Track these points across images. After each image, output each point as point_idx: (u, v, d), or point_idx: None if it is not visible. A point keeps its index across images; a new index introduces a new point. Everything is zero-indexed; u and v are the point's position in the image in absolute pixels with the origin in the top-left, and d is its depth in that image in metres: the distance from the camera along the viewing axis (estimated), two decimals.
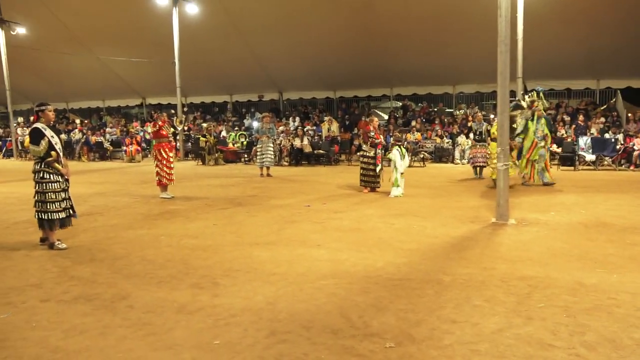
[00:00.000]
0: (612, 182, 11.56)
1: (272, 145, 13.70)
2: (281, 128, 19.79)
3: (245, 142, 19.77)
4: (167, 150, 9.60)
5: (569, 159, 15.25)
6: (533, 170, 10.70)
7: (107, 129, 24.44)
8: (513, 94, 15.45)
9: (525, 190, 10.14)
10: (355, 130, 18.61)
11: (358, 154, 10.79)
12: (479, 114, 17.90)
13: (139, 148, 21.15)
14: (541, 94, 10.85)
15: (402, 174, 9.50)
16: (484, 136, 12.13)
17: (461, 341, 3.28)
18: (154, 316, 3.79)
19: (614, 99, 19.57)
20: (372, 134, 9.99)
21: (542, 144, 10.65)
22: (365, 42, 19.17)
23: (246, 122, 23.29)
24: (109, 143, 22.06)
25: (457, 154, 17.39)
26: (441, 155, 17.78)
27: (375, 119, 10.62)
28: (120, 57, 22.19)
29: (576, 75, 19.80)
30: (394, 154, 9.52)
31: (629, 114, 17.71)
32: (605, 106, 19.36)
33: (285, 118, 22.89)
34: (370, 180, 10.07)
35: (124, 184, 12.45)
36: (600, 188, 10.49)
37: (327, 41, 19.38)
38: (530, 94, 10.95)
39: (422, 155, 17.10)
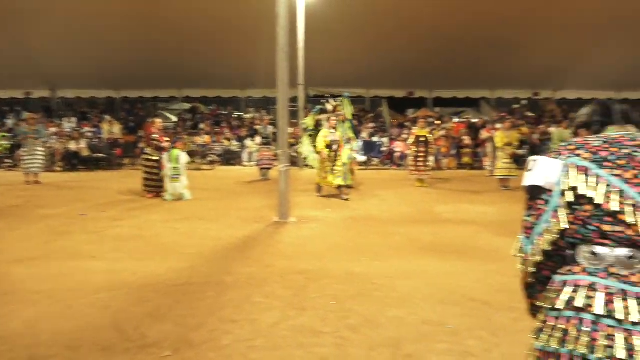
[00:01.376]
0: (379, 180, 13.06)
1: (41, 148, 12.17)
2: (53, 129, 17.72)
3: (7, 146, 17.20)
4: None
5: None
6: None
7: None
8: (295, 99, 16.43)
9: (306, 190, 10.82)
10: (141, 133, 17.70)
11: (142, 157, 10.25)
12: (267, 118, 18.68)
13: None
14: (346, 100, 10.63)
15: (173, 177, 9.24)
16: (270, 139, 12.63)
17: (239, 339, 3.34)
18: None
19: (381, 107, 22.20)
20: (156, 136, 9.59)
21: (349, 147, 10.92)
22: (151, 39, 18.23)
23: (9, 122, 20.28)
24: None
25: (245, 157, 17.76)
26: (230, 158, 17.97)
27: (159, 120, 10.20)
28: None
29: (351, 84, 21.93)
30: (163, 159, 9.28)
31: (393, 120, 20.39)
32: (373, 114, 21.85)
33: (59, 119, 20.57)
34: (155, 185, 9.64)
35: None
36: (370, 185, 11.75)
37: (108, 35, 17.87)
38: (337, 99, 10.84)
39: (211, 158, 17.05)
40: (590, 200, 1.41)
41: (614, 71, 19.73)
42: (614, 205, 1.37)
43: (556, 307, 1.43)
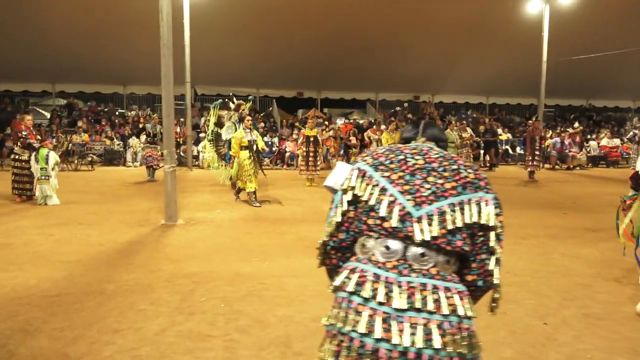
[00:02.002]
0: (269, 180, 13.07)
1: None
2: None
3: None
4: None
5: None
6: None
7: None
8: (182, 97, 15.96)
9: (194, 191, 10.57)
10: (8, 130, 16.12)
11: (11, 157, 9.33)
12: (155, 116, 17.89)
13: None
14: (249, 101, 10.30)
15: (40, 179, 8.55)
16: (157, 138, 12.14)
17: (122, 350, 3.18)
18: None
19: (271, 107, 22.25)
20: (26, 133, 8.80)
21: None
22: (18, 27, 16.62)
23: None
24: None
25: (129, 157, 16.89)
26: (112, 158, 16.98)
27: (28, 117, 9.35)
28: None
29: (240, 83, 21.72)
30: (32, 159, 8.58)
31: (283, 120, 20.53)
32: (264, 113, 21.84)
33: None
34: (25, 188, 8.84)
35: None
36: (261, 185, 11.71)
37: None
38: (241, 99, 10.47)
39: (90, 158, 15.98)
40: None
41: (483, 78, 21.60)
42: (372, 200, 1.54)
43: (336, 288, 1.58)
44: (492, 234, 1.53)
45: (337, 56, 19.46)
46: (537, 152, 13.11)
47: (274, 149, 17.44)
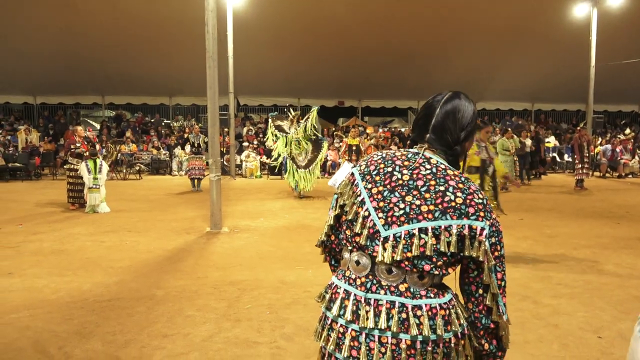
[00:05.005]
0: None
1: None
2: None
3: None
4: None
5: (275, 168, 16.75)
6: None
7: None
8: (226, 107, 16.27)
9: (238, 200, 10.73)
10: (62, 141, 16.84)
11: (65, 167, 9.75)
12: (197, 126, 18.31)
13: None
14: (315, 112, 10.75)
15: (91, 188, 8.87)
16: (201, 148, 12.41)
17: (172, 354, 3.26)
18: None
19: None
20: (79, 144, 9.17)
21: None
22: (69, 43, 17.44)
23: None
24: None
25: (174, 166, 17.33)
26: (158, 167, 17.46)
27: (80, 128, 9.75)
28: None
29: (282, 93, 22.02)
30: (81, 167, 8.88)
31: (324, 129, 20.63)
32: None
33: None
34: (79, 196, 9.20)
35: None
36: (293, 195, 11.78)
37: (22, 37, 16.95)
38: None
39: (138, 168, 16.49)
40: None
41: (528, 83, 21.11)
42: (351, 214, 1.46)
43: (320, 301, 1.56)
44: (486, 267, 1.37)
45: (377, 65, 19.45)
46: (586, 160, 12.69)
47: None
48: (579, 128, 13.04)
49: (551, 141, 19.32)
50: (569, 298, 4.40)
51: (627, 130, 20.13)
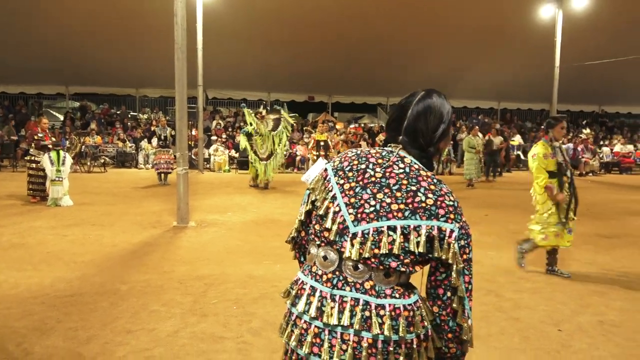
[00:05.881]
0: (281, 183, 13.03)
1: None
2: None
3: None
4: None
5: (245, 163, 16.64)
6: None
7: None
8: (194, 100, 16.06)
9: (206, 194, 10.61)
10: (23, 132, 16.31)
11: (25, 158, 9.44)
12: (164, 119, 18.00)
13: None
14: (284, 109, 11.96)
15: (54, 180, 8.61)
16: (168, 141, 12.21)
17: (136, 350, 3.20)
18: None
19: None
20: (42, 135, 8.89)
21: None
22: (33, 30, 16.85)
23: None
24: None
25: (140, 159, 17.01)
26: (124, 160, 17.10)
27: (45, 119, 9.46)
28: None
29: (252, 87, 21.85)
30: (44, 159, 8.63)
31: (294, 124, 20.57)
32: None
33: None
34: (40, 189, 8.93)
35: None
36: (271, 188, 11.74)
37: None
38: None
39: (102, 160, 16.11)
40: None
41: (494, 83, 21.52)
42: (322, 209, 1.46)
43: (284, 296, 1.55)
44: (454, 270, 1.37)
45: (348, 61, 19.49)
46: None
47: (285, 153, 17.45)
48: (542, 127, 13.32)
49: (516, 139, 19.75)
50: (531, 292, 4.51)
51: (587, 130, 20.74)
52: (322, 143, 11.87)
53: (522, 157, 19.70)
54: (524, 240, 5.21)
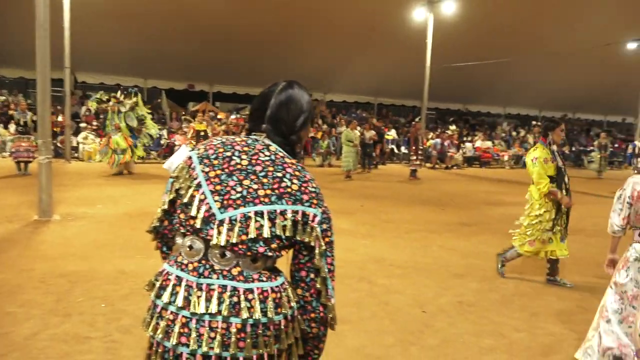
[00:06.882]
0: (156, 175, 12.54)
1: None
2: None
3: None
4: None
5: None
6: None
7: None
8: (60, 83, 14.80)
9: (74, 185, 9.85)
10: None
11: None
12: (23, 102, 16.35)
13: None
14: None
15: None
16: (28, 127, 11.12)
17: None
18: None
19: (159, 99, 21.37)
20: None
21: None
22: None
23: None
24: None
25: None
26: None
27: None
28: None
29: (126, 72, 20.58)
30: None
31: (173, 113, 19.84)
32: (152, 104, 20.91)
33: None
34: None
35: None
36: (148, 179, 11.22)
37: None
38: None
39: None
40: None
41: (372, 79, 22.51)
42: (186, 197, 1.44)
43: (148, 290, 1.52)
44: (317, 252, 1.42)
45: (229, 49, 19.12)
46: (419, 152, 13.95)
47: (162, 142, 16.75)
48: (414, 122, 14.25)
49: (391, 134, 20.84)
50: (400, 278, 4.81)
51: (453, 127, 22.49)
52: (202, 133, 11.59)
53: (395, 150, 20.86)
54: (506, 250, 5.06)
